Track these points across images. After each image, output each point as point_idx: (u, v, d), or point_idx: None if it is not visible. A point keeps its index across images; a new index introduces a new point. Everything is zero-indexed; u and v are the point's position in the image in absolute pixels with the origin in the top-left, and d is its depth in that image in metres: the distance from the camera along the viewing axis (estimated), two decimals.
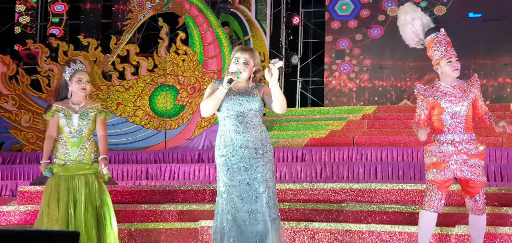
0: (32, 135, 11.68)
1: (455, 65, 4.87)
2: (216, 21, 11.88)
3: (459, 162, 4.77)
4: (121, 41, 11.85)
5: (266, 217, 4.25)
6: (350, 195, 6.33)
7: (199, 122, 11.33)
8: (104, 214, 5.18)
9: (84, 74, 5.28)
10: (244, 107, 4.33)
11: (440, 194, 4.80)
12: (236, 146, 4.31)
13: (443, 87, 4.91)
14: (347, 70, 14.33)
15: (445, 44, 4.89)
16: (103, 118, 5.30)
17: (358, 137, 10.56)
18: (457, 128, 4.83)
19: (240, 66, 4.39)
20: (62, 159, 5.20)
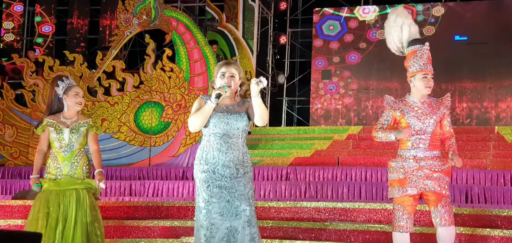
0: (15, 149, 11.58)
1: (429, 83, 4.79)
2: (203, 39, 11.89)
3: (421, 177, 4.69)
4: (107, 57, 11.81)
5: (245, 235, 4.24)
6: (334, 214, 6.33)
7: (184, 139, 11.30)
8: (94, 230, 5.12)
9: (80, 89, 5.34)
10: (231, 126, 4.35)
11: (407, 213, 4.71)
12: (217, 165, 4.32)
13: (411, 102, 4.85)
14: (333, 91, 14.38)
15: (425, 59, 4.82)
16: (95, 133, 5.29)
17: (343, 156, 10.57)
18: (420, 144, 4.75)
19: (226, 80, 4.38)
20: (53, 174, 5.16)
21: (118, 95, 11.55)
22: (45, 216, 5.03)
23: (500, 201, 8.00)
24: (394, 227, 4.75)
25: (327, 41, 14.60)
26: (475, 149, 10.50)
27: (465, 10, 13.93)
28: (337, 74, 14.43)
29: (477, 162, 9.70)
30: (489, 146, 10.58)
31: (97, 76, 11.63)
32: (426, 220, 5.99)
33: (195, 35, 11.80)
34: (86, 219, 5.08)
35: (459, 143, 10.65)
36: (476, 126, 12.67)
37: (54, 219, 5.01)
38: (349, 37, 14.42)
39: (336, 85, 14.39)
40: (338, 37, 14.51)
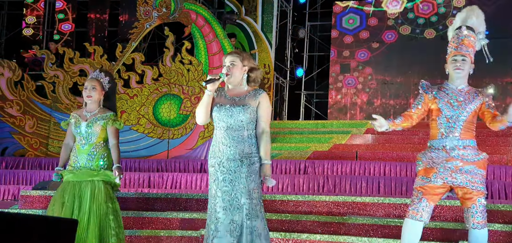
0: (35, 140, 11.69)
1: (457, 64, 4.53)
2: (222, 32, 11.90)
3: (450, 169, 4.39)
4: (127, 50, 11.87)
5: (247, 229, 4.20)
6: (352, 208, 6.29)
7: (202, 132, 11.33)
8: (109, 222, 5.13)
9: (90, 81, 5.30)
10: (235, 118, 4.28)
11: (426, 202, 4.41)
12: (223, 159, 4.29)
13: (447, 88, 4.58)
14: (352, 84, 14.32)
15: (458, 42, 4.58)
16: (113, 126, 5.24)
17: (361, 151, 10.53)
18: (451, 133, 4.46)
19: (226, 69, 4.34)
20: (72, 165, 5.20)
21: (137, 87, 11.60)
22: (60, 206, 5.07)
23: None
24: (408, 213, 4.47)
25: (346, 35, 14.52)
26: (496, 145, 10.40)
27: (486, 4, 13.78)
28: (356, 69, 14.36)
29: (498, 157, 9.61)
30: (510, 142, 10.48)
31: (117, 68, 11.70)
32: (447, 215, 5.95)
33: (214, 28, 11.81)
34: (100, 211, 5.08)
35: (480, 138, 10.55)
36: None
37: (69, 210, 5.03)
38: (369, 30, 14.32)
39: (355, 79, 14.32)
40: (360, 28, 14.42)
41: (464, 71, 4.54)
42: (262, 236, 4.24)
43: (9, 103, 11.68)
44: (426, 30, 13.71)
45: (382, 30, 14.19)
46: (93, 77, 5.34)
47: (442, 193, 4.50)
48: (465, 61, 4.55)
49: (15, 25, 16.12)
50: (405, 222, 4.49)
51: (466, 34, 4.60)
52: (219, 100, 4.37)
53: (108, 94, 5.36)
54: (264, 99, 4.36)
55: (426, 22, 13.82)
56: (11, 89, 11.76)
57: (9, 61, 12.20)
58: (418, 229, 4.45)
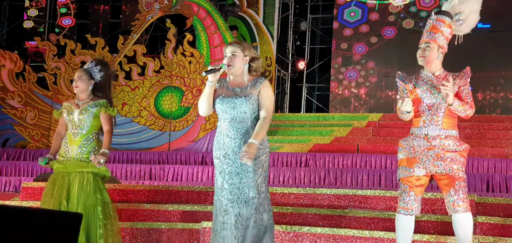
0: (37, 132, 11.70)
1: (420, 52, 4.51)
2: (224, 24, 11.89)
3: (432, 157, 4.37)
4: (129, 41, 11.86)
5: (252, 222, 4.20)
6: (354, 201, 6.29)
7: (203, 124, 11.32)
8: (97, 214, 5.13)
9: (78, 71, 5.34)
10: (238, 110, 4.25)
11: (413, 195, 4.42)
12: (228, 151, 4.27)
13: (424, 75, 4.54)
14: (353, 77, 14.30)
15: (426, 28, 4.57)
16: (106, 113, 5.25)
17: (362, 144, 10.53)
18: (433, 121, 4.43)
19: (227, 59, 4.31)
20: (63, 156, 5.21)
21: (139, 79, 11.60)
22: (51, 197, 5.08)
23: None
24: (398, 209, 4.49)
25: (347, 27, 14.49)
26: (497, 138, 10.39)
27: None
28: (357, 61, 14.34)
29: (499, 151, 9.61)
30: (511, 135, 10.47)
31: (118, 60, 11.69)
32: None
33: (216, 21, 11.80)
34: (88, 202, 5.09)
35: (481, 131, 10.59)
36: (500, 115, 12.52)
37: (57, 201, 5.04)
38: (371, 23, 14.28)
39: (356, 72, 14.30)
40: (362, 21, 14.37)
41: (427, 58, 4.50)
42: (267, 228, 4.25)
43: (10, 94, 11.69)
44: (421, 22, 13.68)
45: (382, 26, 14.15)
46: (82, 68, 5.36)
47: (425, 183, 4.48)
48: (429, 47, 4.50)
49: (16, 17, 16.11)
50: (397, 217, 4.53)
51: (435, 19, 4.58)
52: (221, 91, 4.35)
53: (101, 85, 5.33)
54: (265, 87, 4.33)
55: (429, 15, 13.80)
56: (13, 81, 11.76)
57: (10, 52, 12.19)
58: (410, 222, 4.50)
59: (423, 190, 4.52)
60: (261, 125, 4.22)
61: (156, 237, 6.01)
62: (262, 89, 4.31)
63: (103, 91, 5.35)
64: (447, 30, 4.58)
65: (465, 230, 4.40)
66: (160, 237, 6.01)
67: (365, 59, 14.27)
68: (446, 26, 4.58)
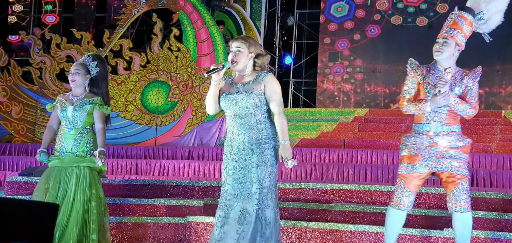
0: (22, 126, 11.63)
1: (437, 46, 4.44)
2: (211, 19, 11.87)
3: (434, 155, 4.35)
4: (115, 36, 11.82)
5: (253, 218, 4.17)
6: (339, 196, 6.32)
7: (190, 119, 11.32)
8: (91, 209, 5.12)
9: (74, 65, 5.28)
10: (240, 105, 4.22)
11: (408, 191, 4.41)
12: (233, 147, 4.28)
13: (435, 69, 4.47)
14: (340, 73, 14.34)
15: (446, 23, 4.50)
16: (99, 111, 5.21)
17: (349, 139, 10.57)
18: (436, 118, 4.39)
19: (232, 55, 4.27)
20: (58, 151, 5.18)
21: (125, 74, 11.56)
22: (44, 192, 5.06)
23: (506, 185, 8.00)
24: (392, 202, 4.48)
25: (334, 23, 14.52)
26: (482, 133, 10.47)
27: None
28: (344, 57, 14.37)
29: (483, 145, 9.69)
30: (496, 130, 10.56)
31: (104, 54, 11.65)
32: (432, 203, 6.00)
33: (203, 15, 11.78)
34: (84, 197, 5.08)
35: (466, 126, 10.64)
36: (484, 110, 12.62)
37: (53, 196, 5.02)
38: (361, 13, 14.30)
39: (343, 67, 14.34)
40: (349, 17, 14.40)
41: (443, 54, 4.45)
42: (272, 224, 4.20)
43: None
44: (418, 18, 13.72)
45: (367, 23, 14.19)
46: (79, 62, 5.32)
47: (425, 178, 4.49)
48: (447, 43, 4.45)
49: (1, 11, 15.96)
50: (389, 210, 4.53)
51: (456, 15, 4.51)
52: (225, 88, 4.32)
53: (96, 80, 5.30)
54: (269, 81, 4.27)
55: (416, 10, 13.84)
56: None
57: None
58: (401, 218, 4.49)
59: (420, 186, 4.53)
60: (278, 122, 4.21)
61: (142, 231, 6.00)
62: (266, 84, 4.26)
63: (99, 87, 5.30)
64: (467, 28, 4.54)
65: (465, 229, 4.43)
66: (146, 231, 6.00)
67: (352, 55, 14.31)
68: (468, 24, 4.54)
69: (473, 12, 4.57)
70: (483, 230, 5.38)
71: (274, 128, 4.28)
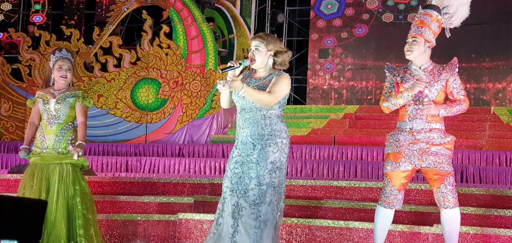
0: (11, 124, 11.57)
1: (407, 46, 4.56)
2: (201, 16, 11.85)
3: (417, 152, 4.43)
4: (104, 33, 11.78)
5: (250, 214, 4.14)
6: (329, 192, 6.35)
7: (180, 116, 11.30)
8: (75, 205, 5.11)
9: (65, 61, 5.24)
10: (246, 100, 4.20)
11: (395, 189, 4.50)
12: (238, 141, 4.31)
13: (412, 69, 4.58)
14: (330, 70, 14.36)
15: (413, 23, 4.63)
16: (82, 104, 5.22)
17: (339, 135, 10.59)
18: (418, 115, 4.47)
19: (251, 53, 4.28)
20: (39, 147, 5.16)
21: (115, 71, 11.52)
22: (30, 189, 5.05)
23: (495, 181, 8.04)
24: (380, 200, 4.57)
25: (324, 19, 14.53)
26: (471, 129, 10.53)
27: None
28: (334, 54, 14.39)
29: (473, 142, 9.73)
30: (485, 126, 10.62)
31: (94, 51, 11.61)
32: (422, 199, 6.03)
33: (193, 12, 11.75)
34: (68, 193, 5.07)
35: (455, 122, 10.71)
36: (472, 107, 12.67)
37: (37, 192, 5.01)
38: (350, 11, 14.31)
39: (333, 64, 14.36)
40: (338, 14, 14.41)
41: (413, 53, 4.55)
42: (268, 222, 4.15)
43: None
44: (409, 14, 13.75)
45: (355, 22, 14.22)
46: (67, 58, 5.26)
47: (410, 175, 4.55)
48: (416, 41, 4.55)
49: None
50: (377, 209, 4.61)
51: (421, 13, 4.62)
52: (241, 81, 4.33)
53: None
54: (279, 78, 4.24)
55: (407, 7, 13.87)
56: None
57: None
58: (389, 216, 4.59)
59: (406, 184, 4.59)
60: (260, 91, 4.17)
61: (132, 229, 6.00)
62: (274, 79, 4.24)
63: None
64: (434, 24, 4.61)
65: (453, 225, 4.50)
66: (136, 228, 6.00)
67: (342, 52, 14.33)
68: (434, 20, 4.61)
69: (438, 8, 4.65)
70: (473, 226, 5.42)
71: (281, 127, 4.26)
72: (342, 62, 14.32)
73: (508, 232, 5.20)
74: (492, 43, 13.35)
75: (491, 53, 13.43)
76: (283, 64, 4.37)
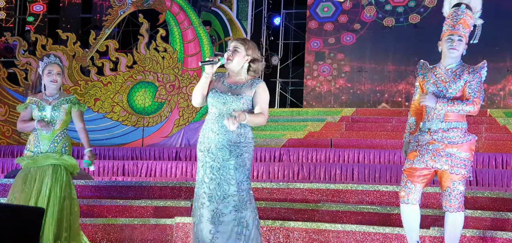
0: (7, 128, 11.55)
1: (453, 44, 4.41)
2: (197, 19, 11.85)
3: (431, 152, 4.38)
4: (101, 37, 11.77)
5: (231, 219, 4.15)
6: (326, 195, 6.34)
7: (177, 120, 11.29)
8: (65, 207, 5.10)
9: (54, 66, 5.24)
10: (228, 106, 4.19)
11: (411, 184, 4.43)
12: (211, 146, 4.23)
13: (439, 68, 4.49)
14: (326, 72, 14.36)
15: (456, 21, 4.44)
16: (78, 110, 5.22)
17: (336, 138, 10.60)
18: (435, 114, 4.41)
19: (229, 53, 4.25)
20: (32, 151, 5.14)
21: (111, 75, 11.51)
22: (20, 193, 5.03)
23: (491, 184, 8.05)
24: (400, 198, 4.52)
25: (321, 22, 14.54)
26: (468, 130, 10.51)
27: None
28: (330, 56, 14.40)
29: None
30: (481, 129, 10.63)
31: (90, 55, 11.60)
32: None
33: (189, 16, 11.76)
34: (60, 193, 5.06)
35: None
36: None
37: (28, 194, 5.00)
38: (345, 16, 14.34)
39: (330, 67, 14.36)
40: (334, 17, 14.43)
41: (458, 51, 4.45)
42: (250, 226, 4.19)
43: None
44: (410, 16, 13.76)
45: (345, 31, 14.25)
46: (56, 63, 5.26)
47: (427, 175, 4.47)
48: (461, 41, 4.46)
49: None
50: (401, 208, 4.55)
51: (465, 12, 4.49)
52: (216, 85, 4.30)
53: None
54: (262, 89, 4.26)
55: (406, 9, 13.89)
56: None
57: None
58: (414, 212, 4.48)
59: (424, 180, 4.48)
60: (256, 114, 4.20)
61: (128, 233, 5.99)
62: (258, 90, 4.25)
63: None
64: (471, 22, 4.56)
65: (455, 228, 4.46)
66: (133, 233, 5.99)
67: (339, 54, 14.33)
68: (471, 22, 4.55)
69: (470, 7, 4.57)
70: (470, 228, 5.42)
71: (252, 134, 4.30)
72: (339, 65, 14.33)
73: (505, 235, 5.20)
74: (488, 44, 13.35)
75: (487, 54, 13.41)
76: (257, 72, 4.37)
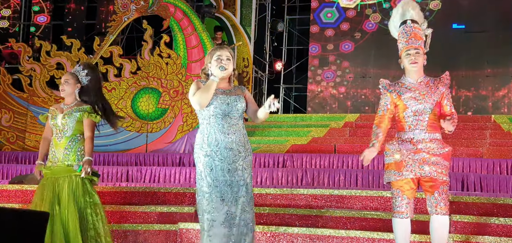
0: (12, 134, 11.57)
1: (412, 58, 4.60)
2: (201, 25, 11.87)
3: (418, 161, 4.53)
4: (105, 43, 11.79)
5: (241, 221, 4.28)
6: (330, 201, 6.34)
7: (181, 126, 11.30)
8: (86, 217, 5.13)
9: (65, 75, 5.40)
10: (232, 106, 4.37)
11: (407, 198, 4.56)
12: (220, 147, 4.32)
13: (407, 83, 4.67)
14: (330, 78, 14.36)
15: (408, 36, 4.65)
16: (88, 119, 5.25)
17: (339, 144, 10.58)
18: (418, 126, 4.58)
19: (224, 62, 4.42)
20: (51, 161, 5.23)
21: (115, 81, 11.53)
22: (41, 201, 5.08)
23: (496, 190, 8.03)
24: (394, 213, 4.61)
25: (324, 28, 14.55)
26: (472, 137, 10.52)
27: None
28: (334, 62, 14.40)
29: (474, 150, 9.72)
30: (486, 135, 10.61)
31: (95, 61, 11.61)
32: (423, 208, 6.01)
33: (193, 22, 11.77)
34: (79, 205, 5.09)
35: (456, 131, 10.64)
36: (473, 114, 12.68)
37: (49, 205, 5.04)
38: (346, 25, 14.35)
39: (333, 73, 14.37)
40: (336, 24, 14.44)
41: (419, 64, 4.64)
42: (249, 227, 4.34)
43: None
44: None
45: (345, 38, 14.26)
46: (70, 71, 5.42)
47: (416, 185, 4.63)
48: (419, 53, 4.64)
49: None
50: (394, 222, 4.65)
51: (412, 27, 4.70)
52: None
53: (87, 89, 5.33)
54: (248, 92, 4.59)
55: None
56: None
57: None
58: (407, 226, 4.62)
59: (414, 192, 4.66)
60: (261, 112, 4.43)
61: (133, 238, 5.99)
62: (247, 94, 4.56)
63: (89, 95, 5.34)
64: (422, 37, 4.74)
65: (443, 230, 4.57)
66: (137, 238, 5.99)
67: (342, 60, 14.33)
68: (421, 33, 4.74)
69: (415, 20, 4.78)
70: (474, 235, 5.41)
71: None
72: (343, 70, 14.33)
73: (509, 241, 5.19)
74: (492, 51, 13.36)
75: (491, 61, 13.44)
76: (235, 77, 4.64)
